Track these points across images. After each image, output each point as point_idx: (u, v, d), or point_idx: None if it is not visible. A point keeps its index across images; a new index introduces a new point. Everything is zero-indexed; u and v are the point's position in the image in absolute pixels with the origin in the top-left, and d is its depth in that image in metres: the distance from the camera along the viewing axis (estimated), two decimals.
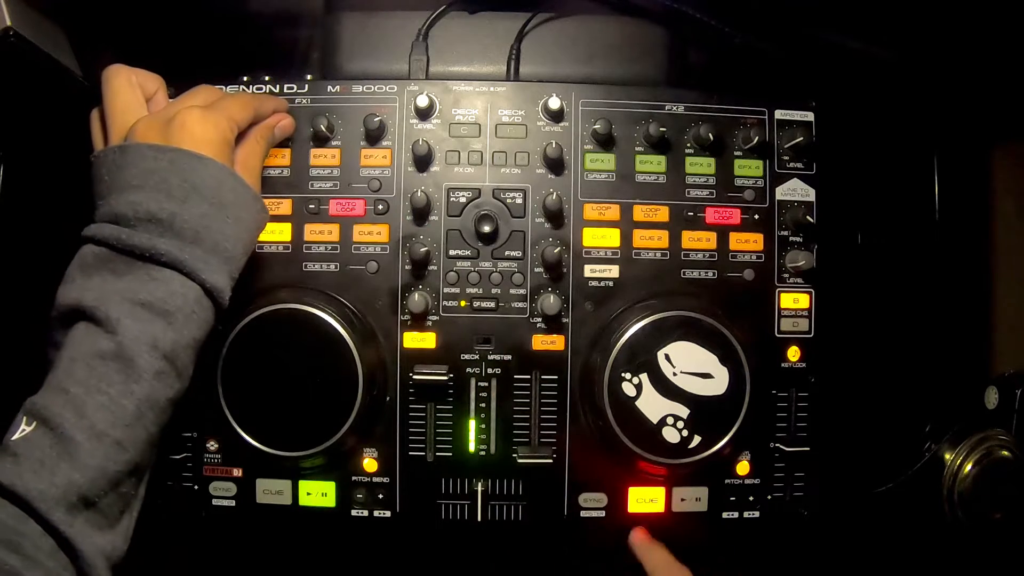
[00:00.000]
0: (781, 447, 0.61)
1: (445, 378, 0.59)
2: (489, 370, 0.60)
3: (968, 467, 0.63)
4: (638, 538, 0.60)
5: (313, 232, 0.59)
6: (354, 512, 0.60)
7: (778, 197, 0.62)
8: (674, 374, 0.57)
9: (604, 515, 0.60)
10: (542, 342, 0.60)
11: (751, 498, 0.61)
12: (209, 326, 0.46)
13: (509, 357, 0.60)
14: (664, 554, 0.58)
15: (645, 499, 0.60)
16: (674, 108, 0.61)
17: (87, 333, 0.42)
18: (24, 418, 0.40)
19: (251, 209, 0.49)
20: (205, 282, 0.45)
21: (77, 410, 0.40)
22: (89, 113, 0.53)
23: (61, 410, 0.40)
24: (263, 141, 0.55)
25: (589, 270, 0.60)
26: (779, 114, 0.62)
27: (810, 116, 0.62)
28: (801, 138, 0.61)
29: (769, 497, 0.61)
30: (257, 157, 0.54)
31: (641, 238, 0.60)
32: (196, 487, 0.59)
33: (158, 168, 0.45)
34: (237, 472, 0.59)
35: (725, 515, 0.61)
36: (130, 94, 0.50)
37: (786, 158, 0.62)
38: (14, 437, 0.39)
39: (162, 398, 0.43)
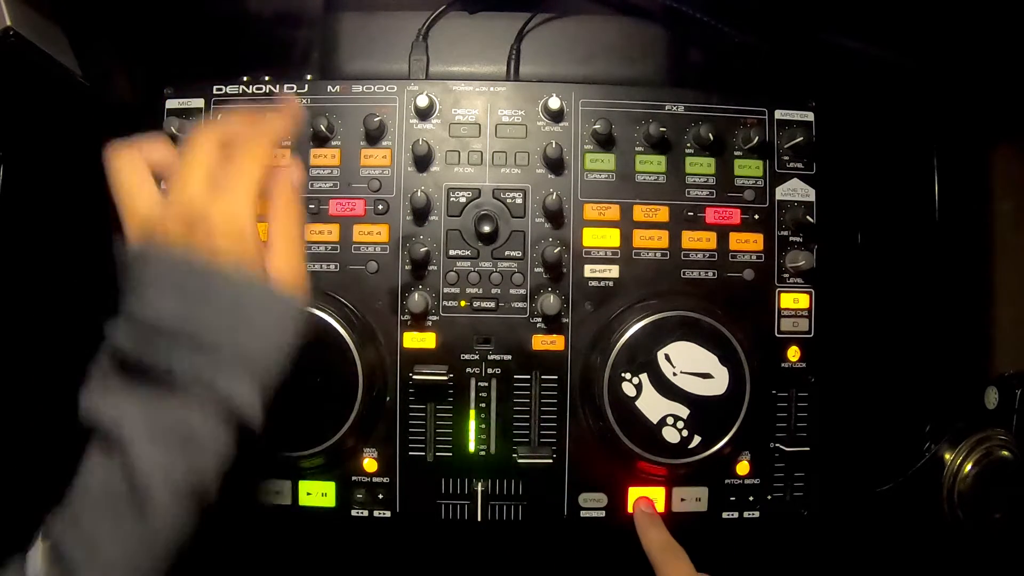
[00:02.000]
0: (781, 447, 0.61)
1: (445, 378, 0.59)
2: (489, 370, 0.60)
3: (968, 467, 0.63)
4: (640, 511, 0.59)
5: (313, 232, 0.59)
6: (354, 512, 0.60)
7: (778, 197, 0.62)
8: (674, 374, 0.57)
9: (604, 515, 0.60)
10: (542, 342, 0.60)
11: (751, 498, 0.61)
12: (236, 449, 0.41)
13: (509, 357, 0.60)
14: (662, 534, 0.57)
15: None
16: (674, 108, 0.61)
17: (101, 458, 0.39)
18: (41, 547, 0.38)
19: (283, 313, 0.43)
20: (229, 399, 0.39)
21: (90, 548, 0.37)
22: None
23: (74, 547, 0.37)
24: (289, 210, 0.46)
25: (589, 270, 0.60)
26: (779, 114, 0.62)
27: (810, 116, 0.62)
28: (801, 138, 0.61)
29: (769, 497, 0.61)
30: (293, 218, 0.46)
31: (641, 238, 0.60)
32: None
33: (180, 275, 0.41)
34: None
35: (725, 515, 0.61)
36: (137, 178, 0.44)
37: (786, 158, 0.62)
38: (28, 571, 0.38)
39: (180, 534, 0.39)
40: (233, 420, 0.40)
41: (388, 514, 0.60)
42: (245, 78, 0.61)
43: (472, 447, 0.60)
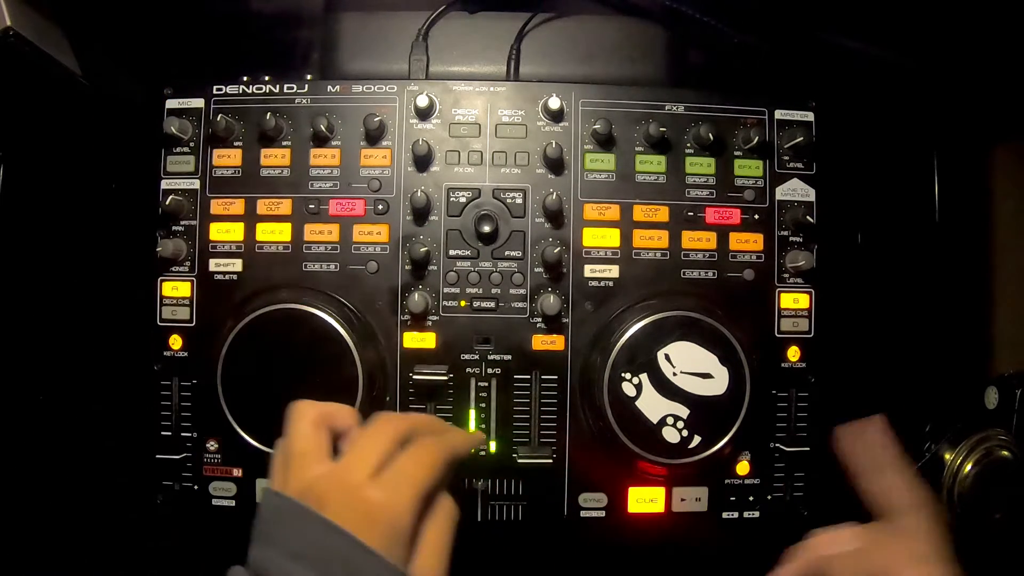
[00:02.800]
0: (781, 447, 0.61)
1: (445, 378, 0.59)
2: (489, 370, 0.60)
3: (968, 467, 0.63)
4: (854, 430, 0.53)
5: (313, 232, 0.59)
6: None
7: (778, 197, 0.62)
8: (674, 374, 0.57)
9: (604, 515, 0.60)
10: (542, 342, 0.60)
11: (751, 498, 0.61)
12: None
13: (509, 357, 0.60)
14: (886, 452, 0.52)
15: (645, 499, 0.60)
16: (674, 108, 0.61)
17: None
18: None
19: None
20: None
21: None
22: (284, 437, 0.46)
23: None
24: (451, 520, 0.47)
25: (589, 270, 0.60)
26: (779, 114, 0.62)
27: (810, 116, 0.62)
28: (801, 138, 0.61)
29: (769, 497, 0.61)
30: (447, 535, 0.46)
31: (641, 238, 0.60)
32: (196, 487, 0.59)
33: (323, 546, 0.39)
34: (237, 472, 0.59)
35: (725, 515, 0.61)
36: (314, 440, 0.44)
37: (786, 158, 0.62)
38: None
39: None
40: None
41: None
42: (245, 78, 0.61)
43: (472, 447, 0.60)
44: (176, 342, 0.60)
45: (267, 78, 0.61)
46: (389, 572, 0.40)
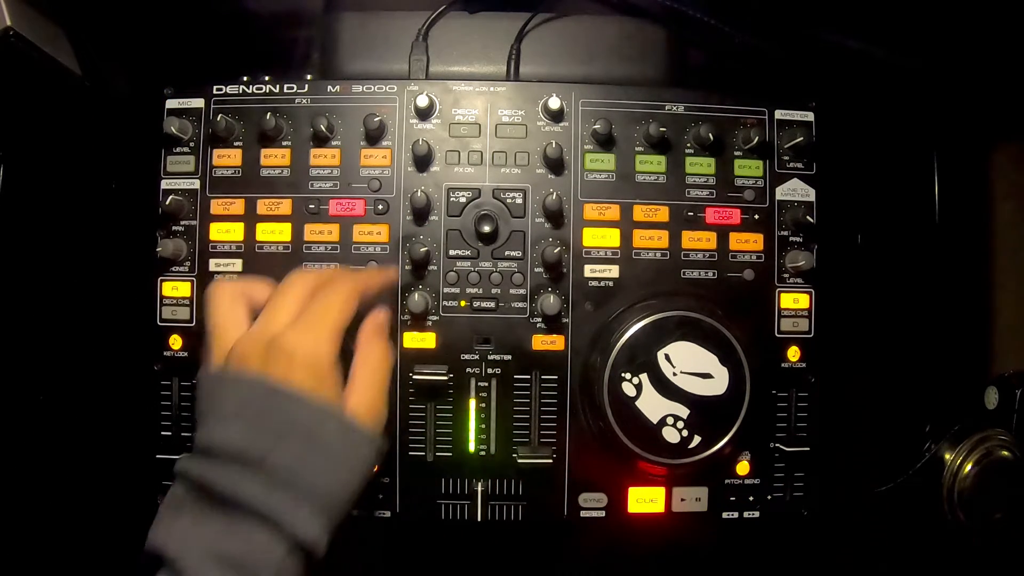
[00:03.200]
0: (781, 447, 0.61)
1: (445, 378, 0.59)
2: (489, 370, 0.60)
3: (968, 467, 0.63)
4: None
5: (313, 232, 0.59)
6: (354, 512, 0.59)
7: (778, 197, 0.62)
8: (674, 374, 0.57)
9: (604, 515, 0.60)
10: (542, 342, 0.60)
11: (751, 498, 0.61)
12: None
13: (509, 357, 0.60)
14: None
15: (645, 499, 0.60)
16: (674, 108, 0.61)
17: None
18: None
19: (360, 449, 0.43)
20: (295, 535, 0.39)
21: None
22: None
23: None
24: (377, 342, 0.49)
25: (589, 270, 0.60)
26: (779, 114, 0.62)
27: (810, 116, 0.62)
28: (801, 138, 0.61)
29: (769, 497, 0.61)
30: (377, 367, 0.48)
31: (641, 238, 0.60)
32: None
33: (253, 401, 0.41)
34: None
35: (725, 515, 0.61)
36: (231, 311, 0.46)
37: (786, 158, 0.62)
38: None
39: None
40: (299, 553, 0.40)
41: (388, 514, 0.60)
42: (245, 78, 0.61)
43: (472, 447, 0.60)
44: (176, 342, 0.60)
45: (267, 78, 0.61)
46: (316, 411, 0.42)
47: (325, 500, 0.41)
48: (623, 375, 0.57)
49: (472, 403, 0.60)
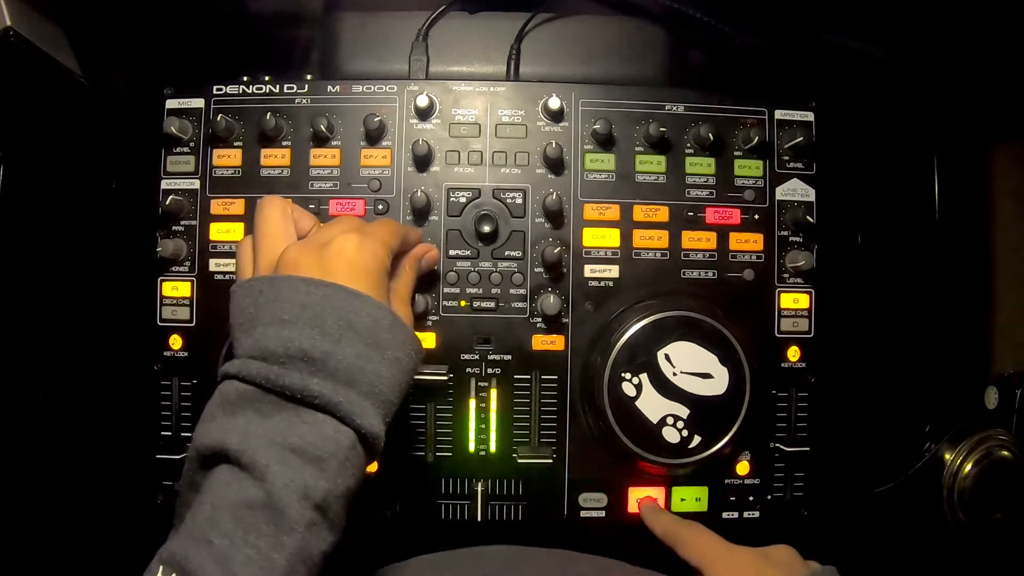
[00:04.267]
0: (781, 447, 0.61)
1: (445, 378, 0.58)
2: (489, 370, 0.60)
3: (968, 467, 0.63)
4: (646, 505, 0.60)
5: None
6: None
7: (778, 197, 0.62)
8: (674, 374, 0.57)
9: (604, 515, 0.60)
10: (542, 342, 0.60)
11: (751, 498, 0.61)
12: (363, 474, 0.42)
13: (509, 357, 0.60)
14: (672, 516, 0.58)
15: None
16: (674, 108, 0.61)
17: (232, 478, 0.38)
18: (161, 568, 0.36)
19: (408, 349, 0.45)
20: (361, 428, 0.40)
21: (222, 564, 0.35)
22: (240, 242, 0.49)
23: (204, 562, 0.35)
24: (413, 272, 0.52)
25: (589, 270, 0.60)
26: (779, 114, 0.62)
27: (810, 116, 0.62)
28: (801, 138, 0.61)
29: (769, 497, 0.61)
30: (409, 289, 0.51)
31: (641, 238, 0.60)
32: None
33: (312, 303, 0.41)
34: None
35: (725, 515, 0.61)
36: (283, 224, 0.47)
37: (786, 158, 0.62)
38: None
39: (315, 552, 0.38)
40: (362, 446, 0.41)
41: (388, 514, 0.60)
42: (245, 78, 0.61)
43: (472, 447, 0.60)
44: (176, 342, 0.60)
45: (267, 78, 0.61)
46: (379, 309, 0.43)
47: (383, 397, 0.42)
48: (623, 375, 0.57)
49: (472, 403, 0.60)
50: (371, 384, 0.41)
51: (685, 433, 0.57)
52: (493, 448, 0.60)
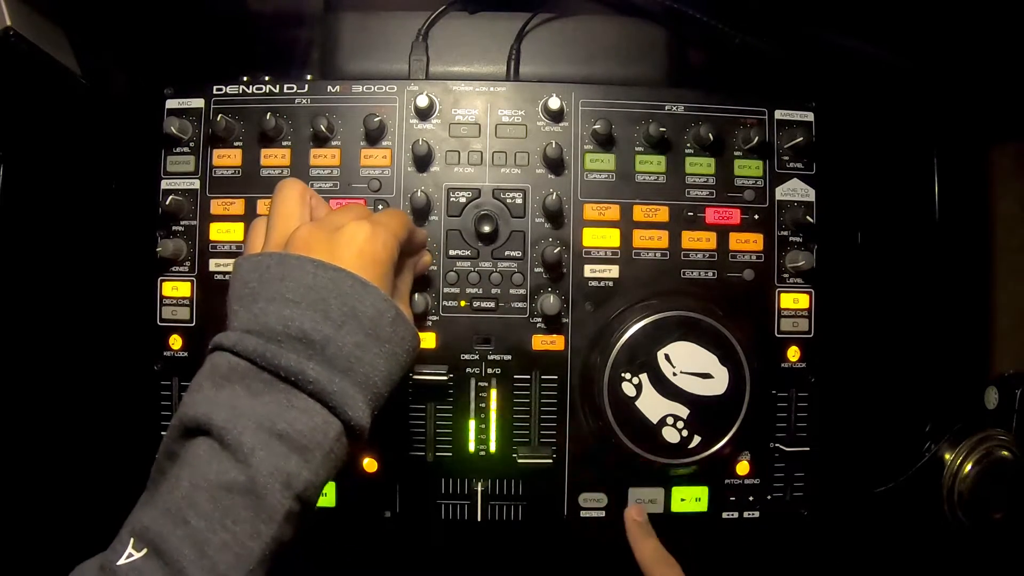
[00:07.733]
0: (781, 447, 0.61)
1: (445, 378, 0.59)
2: (489, 370, 0.60)
3: (968, 467, 0.63)
4: (631, 520, 0.59)
5: None
6: (354, 512, 0.60)
7: (778, 197, 0.62)
8: (674, 374, 0.57)
9: (604, 515, 0.60)
10: (542, 342, 0.60)
11: (751, 498, 0.61)
12: (343, 466, 0.41)
13: (509, 357, 0.60)
14: (655, 544, 0.58)
15: (645, 499, 0.60)
16: (674, 108, 0.61)
17: (212, 456, 0.37)
18: (132, 540, 0.36)
19: (407, 346, 0.44)
20: (350, 420, 0.39)
21: (198, 547, 0.35)
22: (253, 220, 0.50)
23: (180, 544, 0.35)
24: (411, 273, 0.52)
25: (589, 270, 0.60)
26: (779, 114, 0.62)
27: (810, 116, 0.62)
28: (801, 138, 0.61)
29: (769, 497, 0.61)
30: (408, 288, 0.51)
31: (641, 238, 0.60)
32: None
33: (318, 285, 0.41)
34: None
35: (725, 515, 0.61)
36: (300, 207, 0.47)
37: (786, 158, 0.62)
38: (120, 562, 0.35)
39: (287, 543, 0.38)
40: (348, 437, 0.40)
41: (388, 514, 0.60)
42: (245, 78, 0.61)
43: (472, 447, 0.60)
44: (176, 342, 0.60)
45: (267, 78, 0.61)
46: (384, 302, 0.42)
47: (376, 390, 0.42)
48: (623, 375, 0.57)
49: (472, 403, 0.60)
50: (366, 375, 0.41)
51: (685, 433, 0.57)
52: (493, 448, 0.60)
